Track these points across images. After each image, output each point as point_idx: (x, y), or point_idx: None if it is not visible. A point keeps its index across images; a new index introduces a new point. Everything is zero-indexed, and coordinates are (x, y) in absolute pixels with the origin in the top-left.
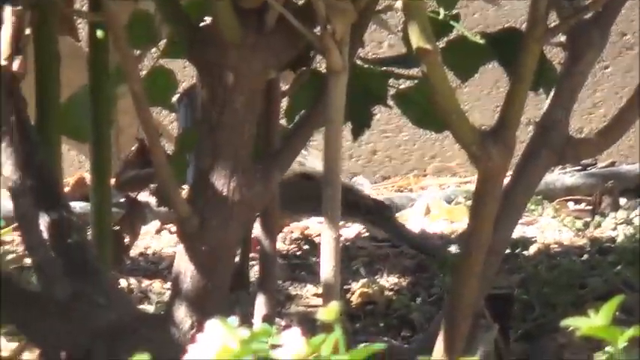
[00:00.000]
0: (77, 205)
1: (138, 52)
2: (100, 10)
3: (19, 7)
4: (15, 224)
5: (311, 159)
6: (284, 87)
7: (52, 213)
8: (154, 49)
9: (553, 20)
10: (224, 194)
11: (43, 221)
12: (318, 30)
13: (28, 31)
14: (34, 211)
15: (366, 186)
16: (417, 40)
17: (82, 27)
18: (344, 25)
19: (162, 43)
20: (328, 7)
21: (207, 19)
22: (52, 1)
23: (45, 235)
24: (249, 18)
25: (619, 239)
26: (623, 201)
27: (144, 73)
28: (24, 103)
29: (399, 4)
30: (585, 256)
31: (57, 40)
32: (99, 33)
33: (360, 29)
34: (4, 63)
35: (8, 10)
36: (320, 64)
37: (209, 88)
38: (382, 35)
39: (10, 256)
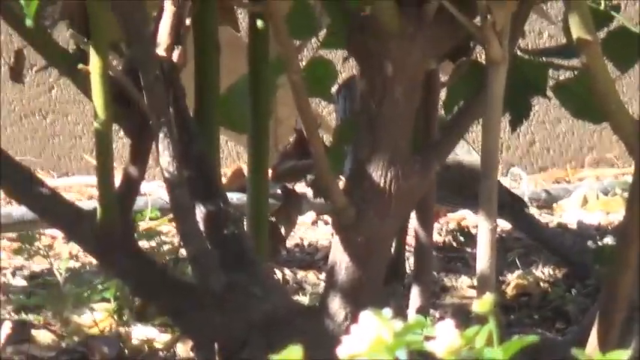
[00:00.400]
0: (234, 197)
1: (298, 42)
2: (260, 0)
3: None
4: (171, 215)
5: (460, 151)
6: (443, 78)
7: (208, 204)
8: (313, 40)
9: None
10: (381, 185)
11: (200, 212)
12: (478, 20)
13: (188, 22)
14: (190, 202)
15: (523, 177)
16: (577, 30)
17: (242, 17)
18: (504, 15)
19: (322, 33)
20: None
21: (367, 10)
22: None
23: (201, 226)
24: (410, 8)
25: None
26: None
27: (303, 63)
28: (183, 93)
29: None
30: None
31: (217, 30)
32: (259, 23)
33: (520, 19)
34: (163, 53)
35: (169, 0)
36: (479, 55)
37: (368, 78)
38: (543, 25)
39: (165, 247)
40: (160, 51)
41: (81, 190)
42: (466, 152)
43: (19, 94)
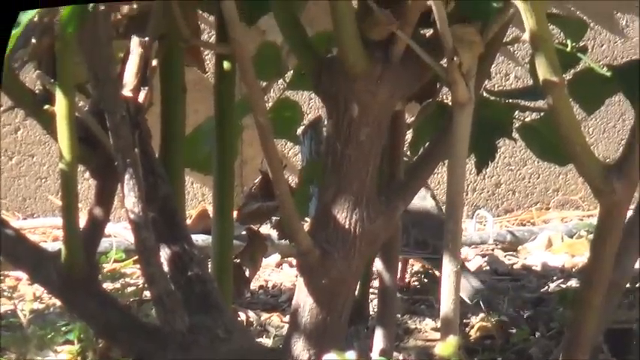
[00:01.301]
0: (199, 238)
1: (264, 83)
2: (226, 41)
3: (146, 38)
4: (135, 256)
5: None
6: (409, 119)
7: (173, 246)
8: (280, 80)
9: None
10: (346, 227)
11: (164, 254)
12: (444, 62)
13: (154, 63)
14: (155, 243)
15: (489, 219)
16: (543, 72)
17: (209, 58)
18: (471, 57)
19: (289, 74)
20: (455, 39)
21: (334, 51)
22: (179, 32)
23: (165, 267)
24: (376, 49)
25: None
26: None
27: (269, 104)
28: (149, 134)
29: (526, 36)
30: None
31: (183, 71)
32: (225, 64)
33: (486, 61)
34: (129, 94)
35: (135, 41)
36: (445, 96)
37: (334, 119)
38: (509, 67)
39: (130, 289)
40: (126, 92)
41: (46, 231)
42: (421, 198)
43: None
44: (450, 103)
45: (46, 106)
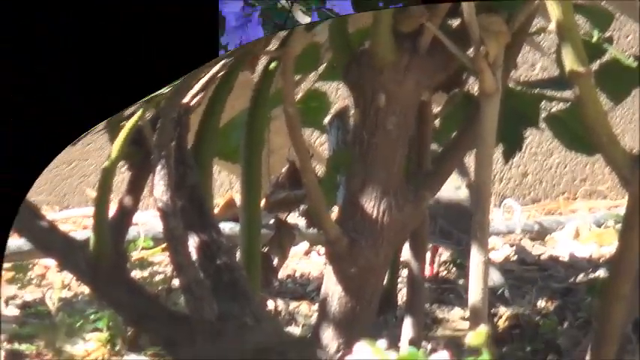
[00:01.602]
0: (226, 226)
1: (298, 76)
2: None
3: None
4: (164, 244)
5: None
6: (436, 109)
7: (201, 234)
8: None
9: None
10: (374, 216)
11: (193, 242)
12: (471, 52)
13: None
14: (183, 231)
15: (516, 209)
16: (570, 62)
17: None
18: (497, 47)
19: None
20: (482, 29)
21: (367, 44)
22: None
23: (194, 255)
24: (405, 40)
25: None
26: None
27: (299, 95)
28: (188, 129)
29: (552, 27)
30: None
31: (237, 76)
32: (272, 65)
33: (513, 51)
34: (187, 99)
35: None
36: (472, 86)
37: (361, 109)
38: (535, 57)
39: (158, 277)
40: (186, 98)
41: (77, 220)
42: (456, 188)
43: None
44: (477, 93)
45: (122, 123)
